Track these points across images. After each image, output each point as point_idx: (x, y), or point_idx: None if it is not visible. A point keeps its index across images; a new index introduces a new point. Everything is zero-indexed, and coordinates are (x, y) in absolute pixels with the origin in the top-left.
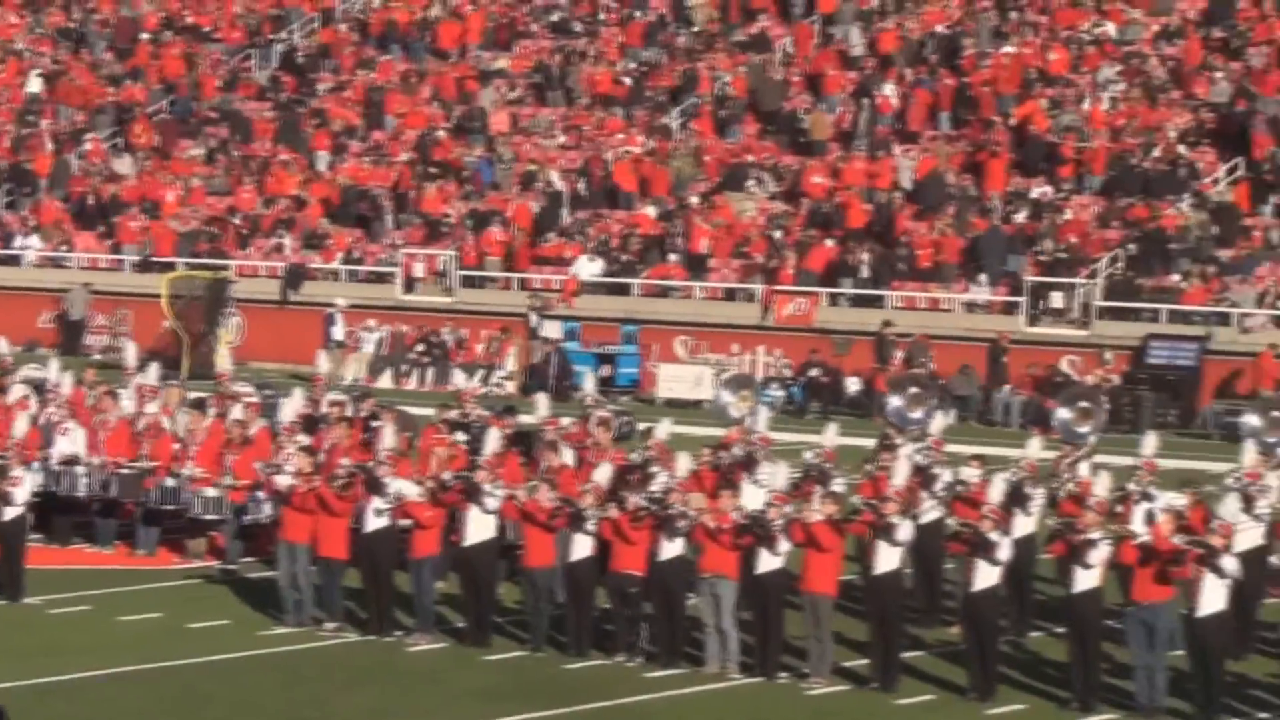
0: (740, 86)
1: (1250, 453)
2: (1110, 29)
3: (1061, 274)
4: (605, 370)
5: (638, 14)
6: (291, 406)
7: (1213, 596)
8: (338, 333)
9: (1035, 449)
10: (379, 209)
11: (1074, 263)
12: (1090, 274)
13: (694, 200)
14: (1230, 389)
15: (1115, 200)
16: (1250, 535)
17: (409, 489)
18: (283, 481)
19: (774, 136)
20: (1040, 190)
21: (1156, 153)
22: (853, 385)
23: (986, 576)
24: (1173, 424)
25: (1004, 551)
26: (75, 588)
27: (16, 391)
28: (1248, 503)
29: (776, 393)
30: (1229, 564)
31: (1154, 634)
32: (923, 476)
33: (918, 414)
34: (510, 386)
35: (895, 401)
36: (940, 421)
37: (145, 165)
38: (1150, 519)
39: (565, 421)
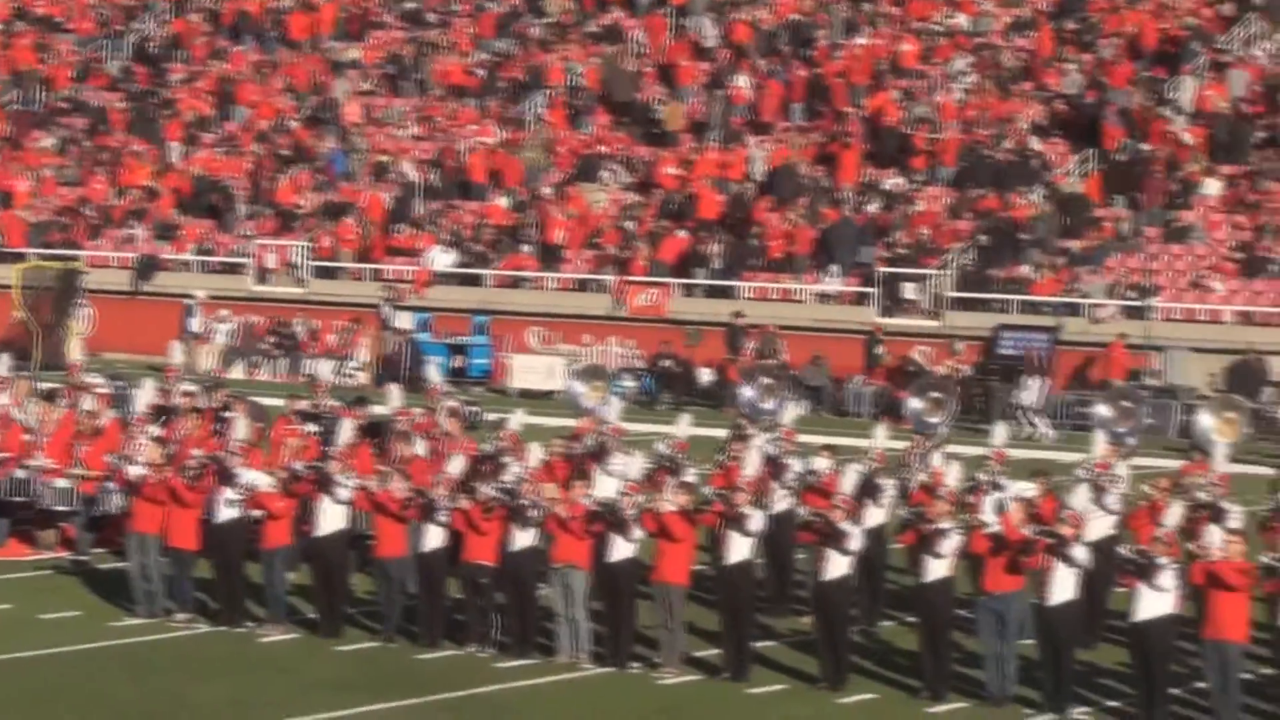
0: (593, 78)
1: (1100, 443)
2: (962, 20)
3: (913, 265)
4: (458, 361)
5: (490, 5)
6: (143, 397)
7: (1063, 586)
8: (195, 324)
9: (885, 439)
10: (231, 200)
11: (925, 253)
12: (941, 265)
13: (547, 191)
14: (1081, 379)
15: (966, 191)
16: (1100, 525)
17: (260, 480)
18: (133, 472)
19: (626, 127)
20: (892, 181)
21: (1008, 144)
22: (705, 376)
23: (837, 566)
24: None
25: (855, 541)
26: None
27: None
28: (1098, 493)
29: (628, 383)
30: (1079, 553)
31: (1004, 623)
32: (774, 467)
33: (769, 404)
34: (362, 377)
35: (747, 392)
36: (792, 412)
37: None
38: (1001, 509)
39: (417, 412)
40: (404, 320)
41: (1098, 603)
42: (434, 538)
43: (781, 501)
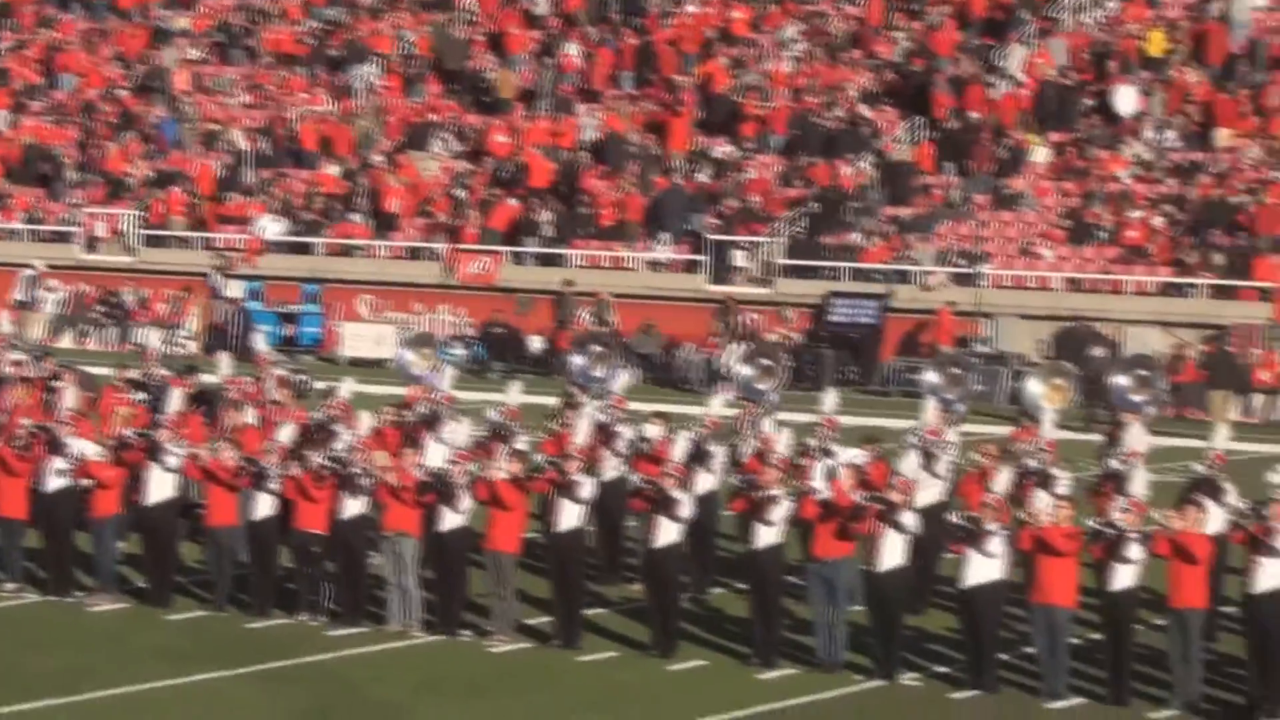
0: (423, 46)
1: (930, 409)
2: None
3: (743, 232)
4: (288, 329)
5: None
6: None
7: (892, 552)
8: (24, 293)
9: (716, 406)
10: (60, 168)
11: (756, 221)
12: (772, 232)
13: (378, 159)
14: (911, 346)
15: (796, 159)
16: (930, 492)
17: (90, 449)
18: None
19: (457, 95)
20: (722, 149)
21: (838, 112)
22: (535, 344)
23: (668, 533)
24: (854, 381)
25: (685, 509)
26: None
27: None
28: (928, 459)
29: (459, 351)
30: (909, 520)
31: (834, 589)
32: (605, 434)
33: (600, 372)
34: (192, 346)
35: (578, 360)
36: (623, 379)
37: None
38: (831, 475)
39: (246, 380)
40: (234, 289)
41: (927, 569)
42: (264, 506)
43: (612, 469)
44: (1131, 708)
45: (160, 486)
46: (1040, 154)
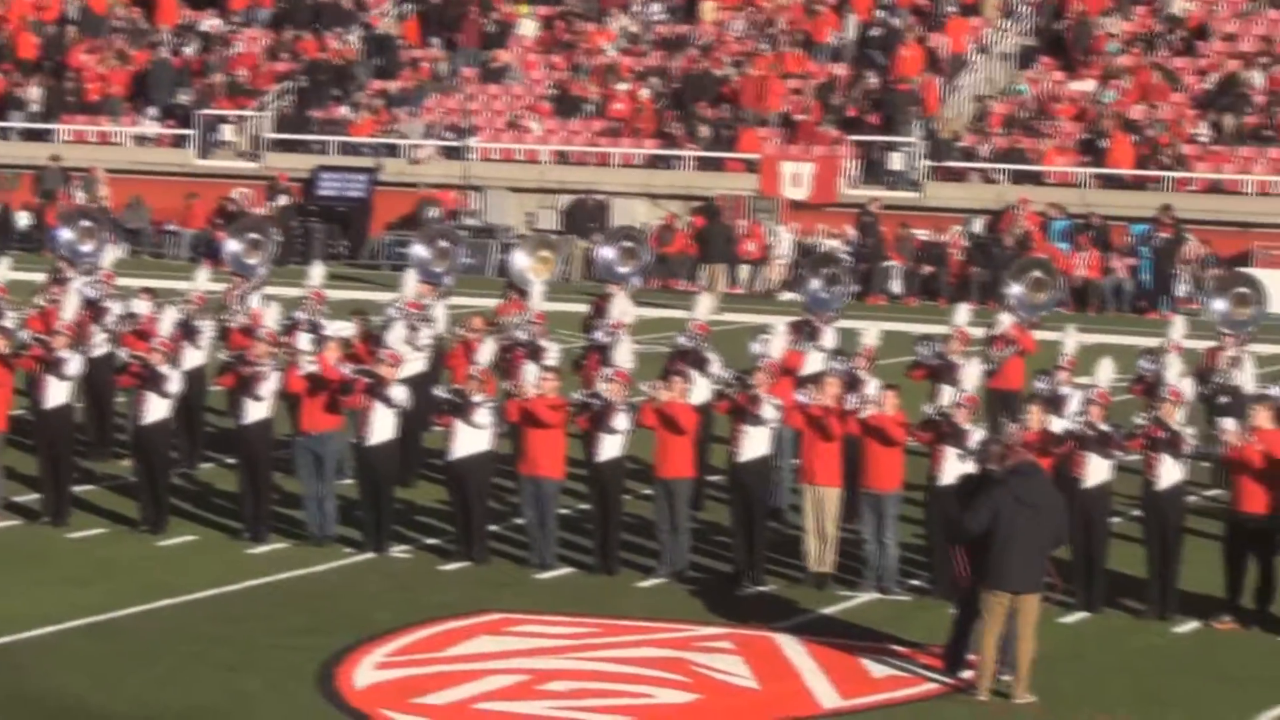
0: None
1: (412, 282)
2: None
3: (231, 107)
4: None
5: None
6: None
7: (381, 425)
8: None
9: (204, 281)
10: None
11: (244, 95)
12: (260, 106)
13: None
14: (400, 220)
15: (284, 32)
16: (414, 364)
17: None
18: None
19: None
20: (209, 23)
21: None
22: (23, 219)
23: (156, 409)
24: (343, 255)
25: (174, 384)
26: None
27: None
28: (411, 332)
29: None
30: (397, 393)
31: (322, 463)
32: (93, 310)
33: (88, 247)
34: None
35: (65, 234)
36: (111, 254)
37: None
38: (318, 348)
39: None
40: None
41: (414, 441)
42: None
43: (100, 345)
44: (620, 577)
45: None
46: (527, 27)
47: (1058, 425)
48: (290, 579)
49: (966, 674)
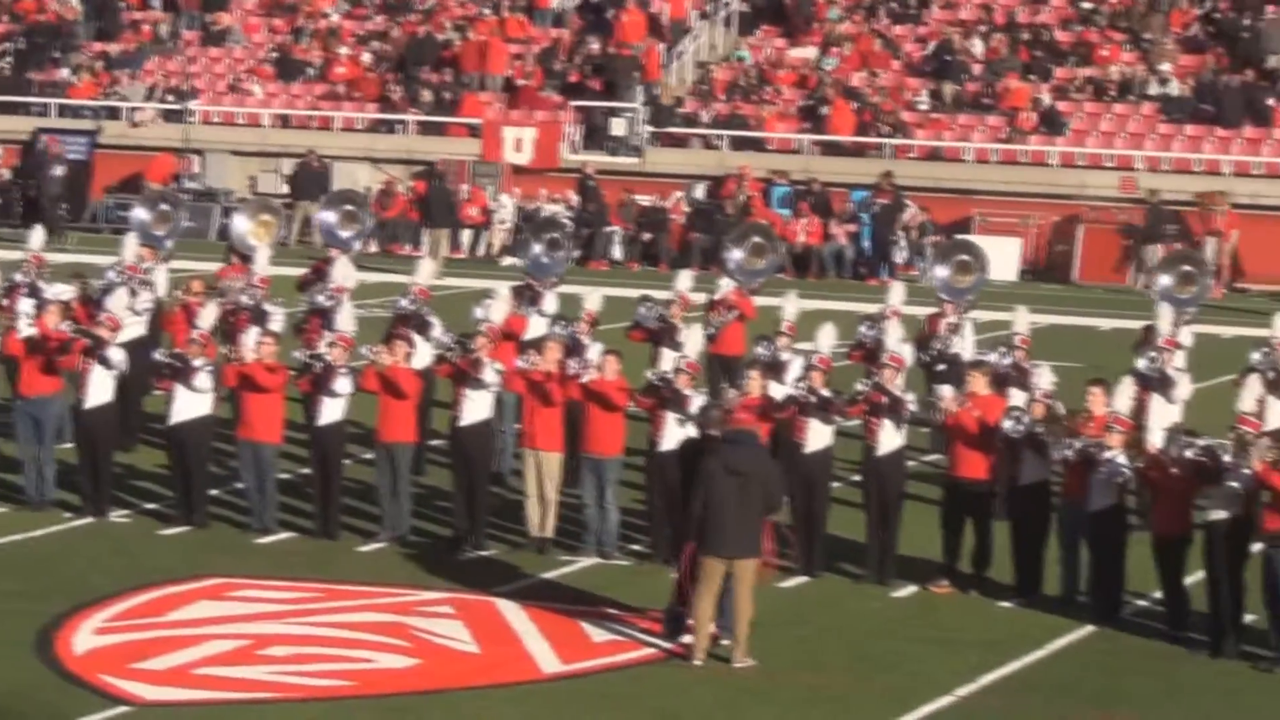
0: None
1: (130, 245)
2: None
3: None
4: None
5: None
6: None
7: (99, 389)
8: None
9: None
10: None
11: None
12: None
13: None
14: (121, 182)
15: None
16: (134, 328)
17: None
18: None
19: None
20: None
21: None
22: None
23: None
24: (65, 217)
25: None
26: None
27: None
28: (132, 296)
29: None
30: (116, 355)
31: (41, 427)
32: None
33: None
34: None
35: None
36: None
37: None
38: (38, 312)
39: None
40: None
41: (134, 405)
42: None
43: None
44: (340, 541)
45: None
46: None
47: (778, 391)
48: (7, 544)
49: (686, 639)
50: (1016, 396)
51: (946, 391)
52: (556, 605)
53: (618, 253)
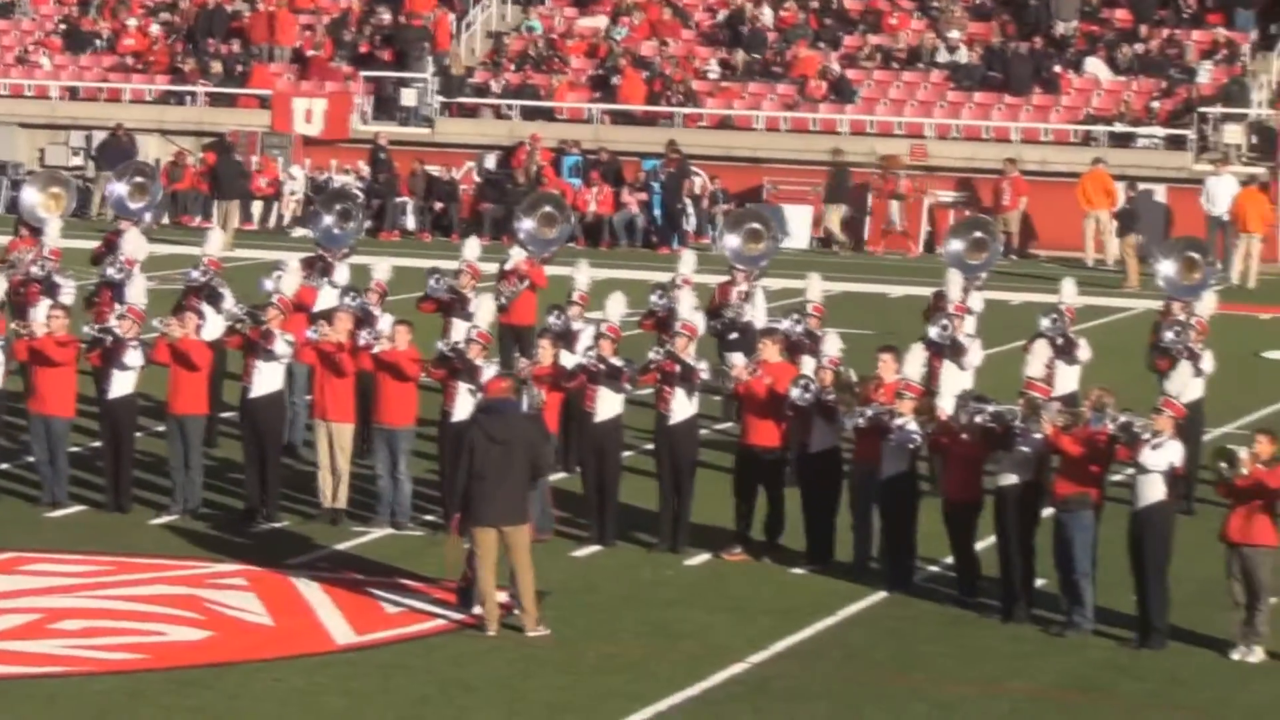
0: None
1: None
2: None
3: None
4: None
5: None
6: None
7: None
8: None
9: None
10: None
11: None
12: None
13: None
14: None
15: None
16: None
17: None
18: None
19: None
20: None
21: None
22: None
23: None
24: None
25: None
26: None
27: None
28: None
29: None
30: None
31: None
32: None
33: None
34: None
35: None
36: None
37: None
38: None
39: None
40: None
41: None
42: None
43: None
44: (132, 514)
45: None
46: None
47: (569, 360)
48: None
49: (478, 609)
50: (809, 364)
51: (738, 359)
52: (350, 576)
53: (409, 223)
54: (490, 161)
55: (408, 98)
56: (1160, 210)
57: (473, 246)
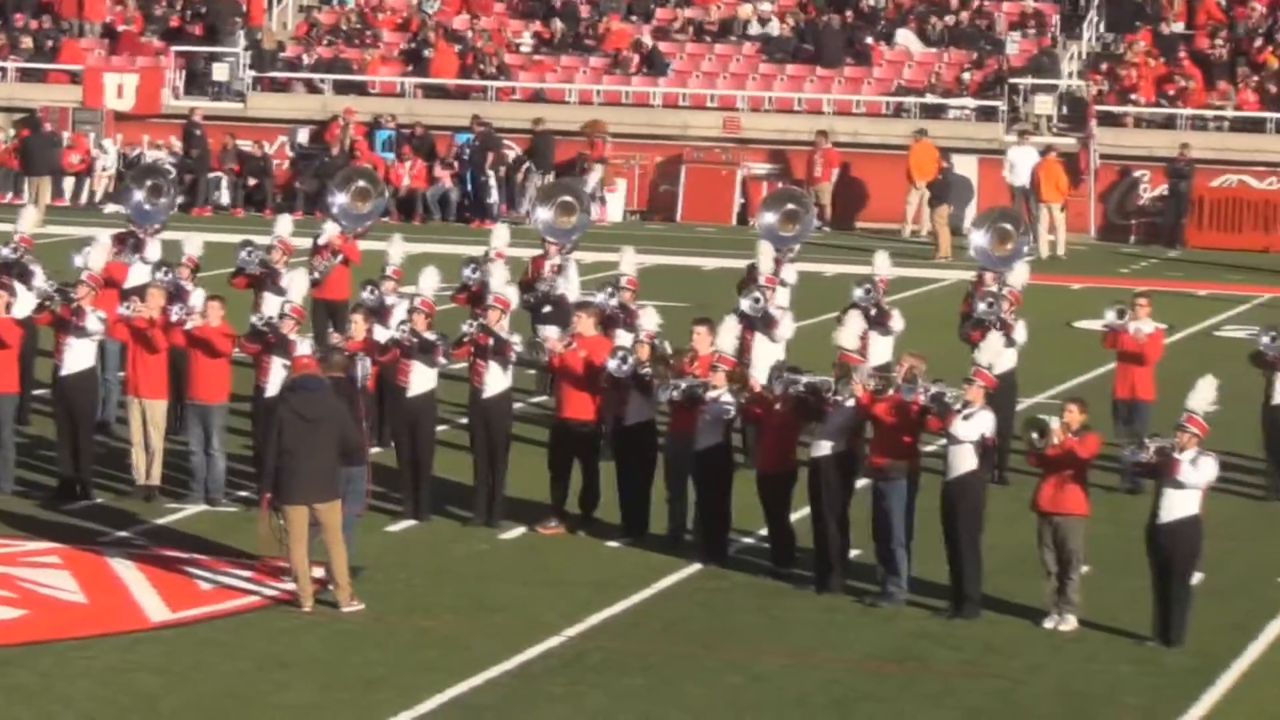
0: None
1: None
2: None
3: None
4: None
5: None
6: None
7: None
8: None
9: None
10: None
11: None
12: None
13: None
14: None
15: None
16: None
17: None
18: None
19: None
20: None
21: None
22: None
23: None
24: None
25: None
26: None
27: None
28: None
29: None
30: None
31: None
32: None
33: None
34: None
35: None
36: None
37: None
38: None
39: None
40: None
41: None
42: None
43: None
44: None
45: None
46: None
47: (383, 334)
48: None
49: (291, 585)
50: (623, 337)
51: (552, 333)
52: (164, 553)
53: (223, 199)
54: (303, 136)
55: (219, 72)
56: (964, 183)
57: (284, 222)
